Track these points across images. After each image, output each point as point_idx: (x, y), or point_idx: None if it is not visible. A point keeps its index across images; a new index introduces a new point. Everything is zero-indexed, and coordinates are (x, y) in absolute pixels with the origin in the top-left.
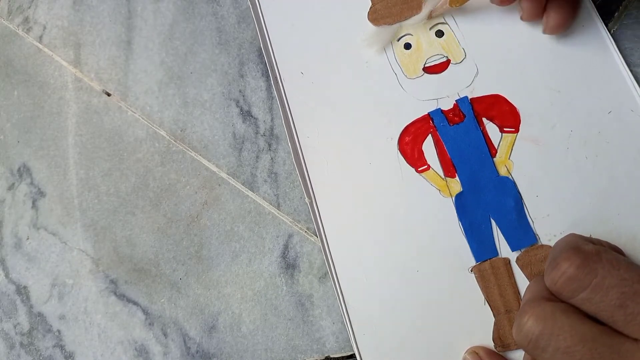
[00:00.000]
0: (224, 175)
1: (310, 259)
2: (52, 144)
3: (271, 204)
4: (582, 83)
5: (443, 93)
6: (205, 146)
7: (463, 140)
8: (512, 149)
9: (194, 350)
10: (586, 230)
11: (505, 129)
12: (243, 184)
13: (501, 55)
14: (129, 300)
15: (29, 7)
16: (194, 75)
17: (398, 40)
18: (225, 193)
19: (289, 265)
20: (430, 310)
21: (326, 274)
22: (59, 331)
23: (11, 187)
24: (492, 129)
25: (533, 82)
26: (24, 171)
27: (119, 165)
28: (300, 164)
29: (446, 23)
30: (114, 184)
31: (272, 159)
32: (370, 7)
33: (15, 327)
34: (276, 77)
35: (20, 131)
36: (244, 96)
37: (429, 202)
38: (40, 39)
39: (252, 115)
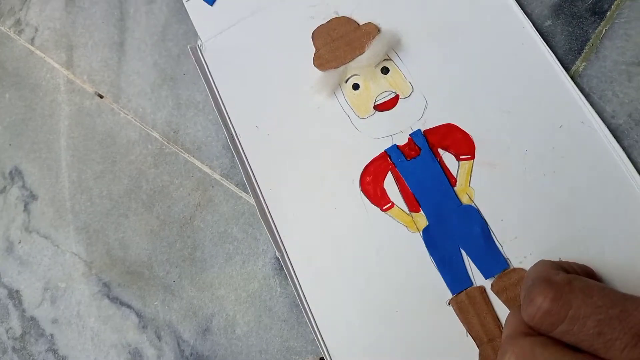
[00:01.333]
0: (217, 176)
1: None
2: (44, 146)
3: None
4: (530, 101)
5: (396, 129)
6: (198, 148)
7: (422, 173)
8: (471, 176)
9: (187, 352)
10: (554, 246)
11: (461, 157)
12: (237, 186)
13: (447, 84)
14: (122, 303)
15: (21, 9)
16: (187, 76)
17: (346, 81)
18: (219, 194)
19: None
20: (414, 348)
21: None
22: (51, 335)
23: (3, 191)
24: (449, 158)
25: (481, 106)
26: (15, 174)
27: (112, 167)
28: (267, 219)
29: (390, 59)
30: (106, 186)
31: None
32: (315, 53)
33: (7, 331)
34: (232, 135)
35: (11, 134)
36: None
37: (398, 239)
38: (32, 41)
39: None
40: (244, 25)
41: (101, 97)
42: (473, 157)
